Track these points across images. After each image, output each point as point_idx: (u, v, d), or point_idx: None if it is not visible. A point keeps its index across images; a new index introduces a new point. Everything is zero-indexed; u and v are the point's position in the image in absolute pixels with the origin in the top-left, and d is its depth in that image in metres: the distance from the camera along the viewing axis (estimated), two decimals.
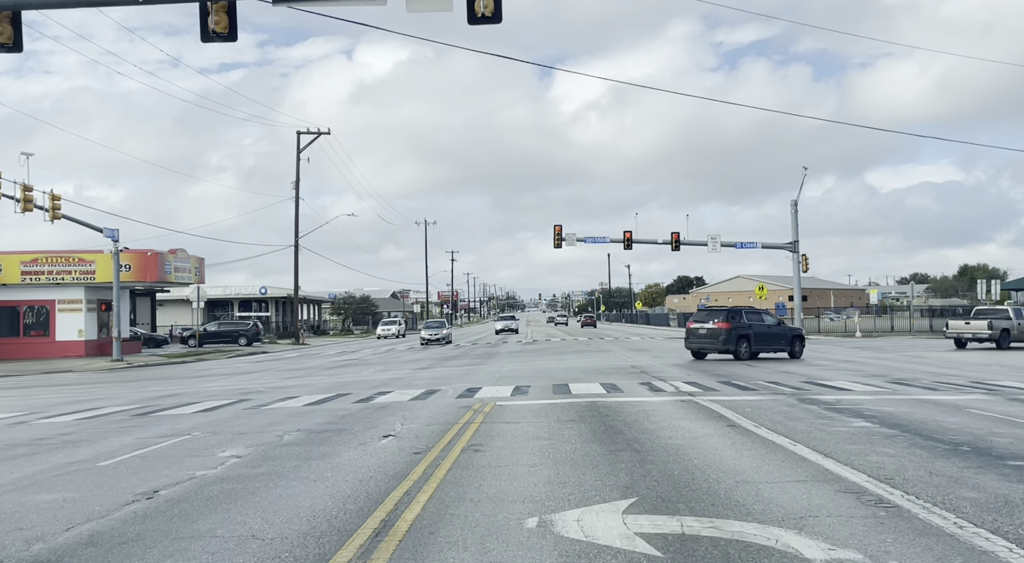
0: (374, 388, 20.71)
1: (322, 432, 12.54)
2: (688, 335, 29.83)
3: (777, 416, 13.14)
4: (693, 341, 29.36)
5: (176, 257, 46.86)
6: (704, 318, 29.45)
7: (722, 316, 28.75)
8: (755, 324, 29.08)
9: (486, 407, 15.29)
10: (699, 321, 29.50)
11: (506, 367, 27.81)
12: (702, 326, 29.05)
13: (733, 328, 27.99)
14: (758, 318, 29.87)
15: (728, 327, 27.92)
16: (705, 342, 28.78)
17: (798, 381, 20.08)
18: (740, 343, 28.02)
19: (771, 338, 29.33)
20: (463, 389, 19.52)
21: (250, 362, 38.79)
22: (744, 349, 28.13)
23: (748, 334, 28.34)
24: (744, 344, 28.15)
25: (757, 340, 28.60)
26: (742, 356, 28.07)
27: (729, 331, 27.86)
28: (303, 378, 26.12)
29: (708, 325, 28.75)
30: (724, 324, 28.08)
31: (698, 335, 29.08)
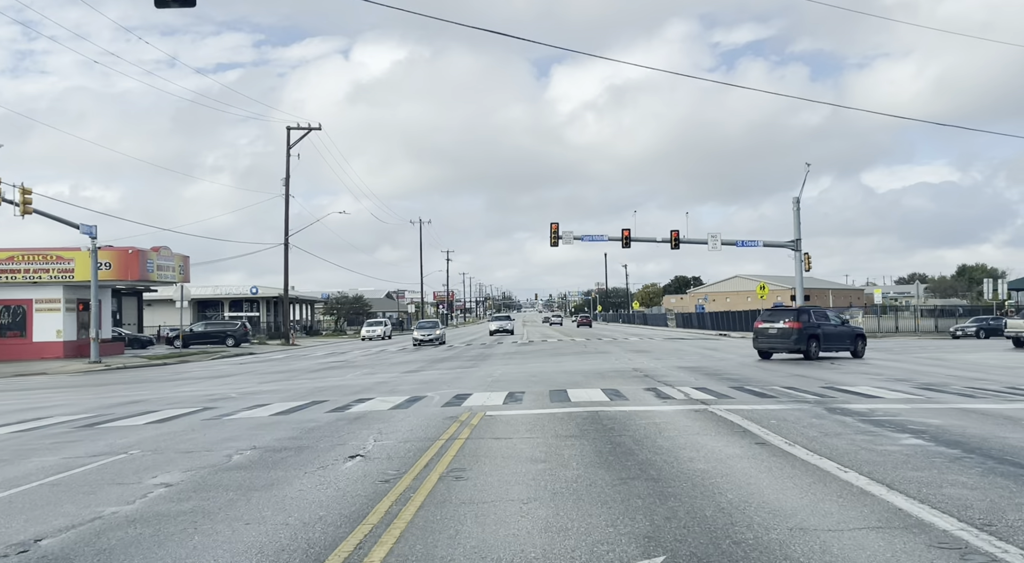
0: (354, 394, 18.81)
1: (280, 450, 10.64)
2: (756, 335, 29.66)
3: (810, 430, 11.26)
4: (762, 341, 29.15)
5: (159, 255, 44.89)
6: (773, 318, 29.28)
7: (792, 316, 28.64)
8: (823, 324, 28.99)
9: (474, 418, 13.39)
10: (768, 321, 29.28)
11: (499, 370, 25.92)
12: (772, 326, 28.84)
13: (804, 328, 27.88)
14: (824, 318, 29.80)
15: (799, 327, 27.82)
16: (775, 342, 28.58)
17: (817, 386, 18.22)
18: (810, 342, 27.87)
19: (837, 338, 29.10)
20: (451, 396, 17.63)
21: (233, 364, 36.85)
22: (814, 348, 27.94)
23: (818, 334, 28.22)
24: (814, 343, 27.98)
25: (825, 340, 28.46)
26: (812, 355, 27.81)
27: (800, 331, 27.74)
28: (282, 382, 24.21)
29: (778, 325, 28.54)
30: (795, 324, 27.94)
31: (768, 335, 28.87)
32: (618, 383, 19.82)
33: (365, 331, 65.82)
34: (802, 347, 27.87)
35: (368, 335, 64.63)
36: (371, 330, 65.61)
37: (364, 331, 66.00)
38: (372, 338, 63.98)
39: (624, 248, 56.99)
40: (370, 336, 64.31)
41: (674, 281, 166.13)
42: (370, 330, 65.69)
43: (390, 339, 65.92)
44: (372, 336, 64.26)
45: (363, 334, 65.44)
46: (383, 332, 65.65)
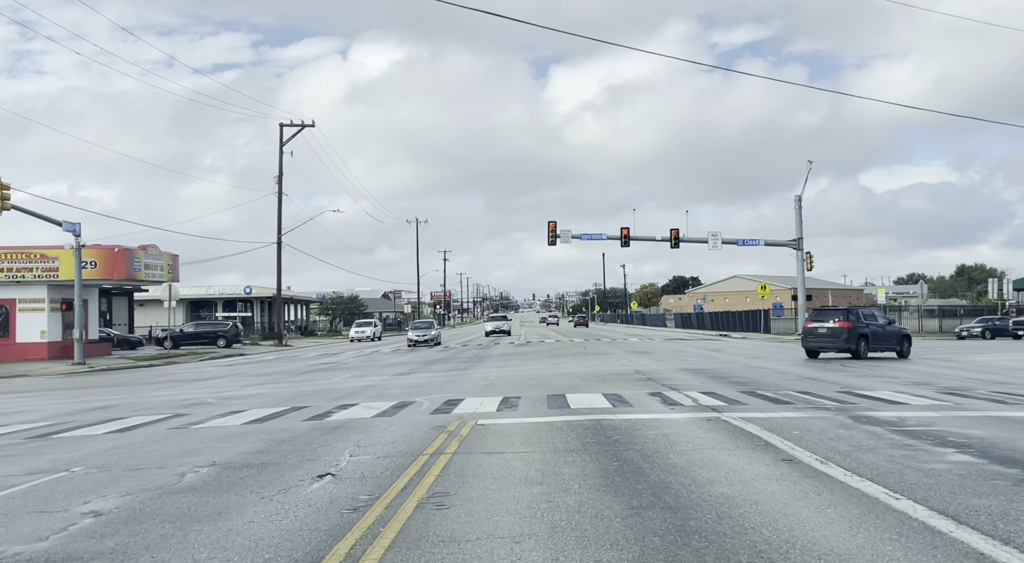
0: (338, 399, 17.49)
1: (242, 467, 9.34)
2: (806, 334, 29.64)
3: (839, 444, 9.97)
4: (811, 340, 29.12)
5: (147, 254, 43.56)
6: (823, 318, 29.28)
7: (841, 316, 28.65)
8: (871, 324, 28.93)
9: (464, 428, 12.09)
10: (817, 320, 29.28)
11: (494, 372, 24.62)
12: (821, 325, 28.90)
13: (854, 327, 27.85)
14: (872, 318, 29.70)
15: (849, 326, 27.83)
16: (825, 341, 28.60)
17: (833, 391, 16.93)
18: (860, 342, 27.84)
19: (884, 337, 29.03)
20: (441, 401, 16.32)
21: (220, 366, 35.52)
22: (863, 348, 27.90)
23: (867, 333, 28.14)
24: (863, 343, 27.91)
25: (874, 339, 28.38)
26: (862, 355, 27.78)
27: (850, 330, 27.72)
28: (266, 385, 22.90)
29: (828, 324, 28.63)
30: (845, 323, 27.99)
31: (817, 334, 28.87)
32: (620, 387, 18.53)
33: (354, 332, 63.35)
34: (852, 346, 27.78)
35: (357, 336, 62.11)
36: (360, 331, 63.04)
37: (353, 332, 63.52)
38: (361, 339, 61.35)
39: (623, 247, 55.80)
40: (359, 337, 61.79)
41: (672, 281, 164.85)
42: (359, 331, 63.10)
43: (380, 340, 63.51)
44: (361, 337, 61.74)
45: (351, 335, 63.00)
46: (372, 333, 63.15)
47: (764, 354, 32.99)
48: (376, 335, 63.85)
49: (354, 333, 62.86)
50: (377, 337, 63.87)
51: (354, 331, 63.49)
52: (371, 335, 62.53)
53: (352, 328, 65.47)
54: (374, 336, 62.91)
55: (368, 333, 62.44)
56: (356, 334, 62.39)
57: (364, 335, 62.00)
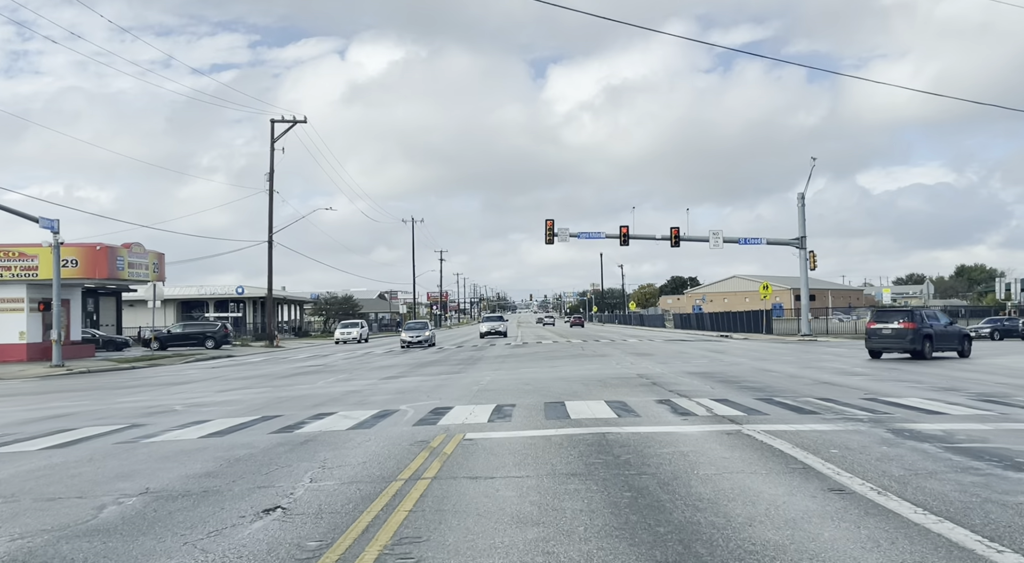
0: (316, 407, 15.88)
1: (177, 497, 7.72)
2: (869, 335, 29.67)
3: (890, 466, 8.37)
4: (876, 341, 29.17)
5: (131, 252, 41.88)
6: (887, 319, 29.39)
7: (906, 317, 28.72)
8: (934, 324, 28.98)
9: (449, 444, 10.48)
10: (881, 321, 29.39)
11: (488, 376, 23.00)
12: (886, 326, 28.98)
13: (919, 328, 27.96)
14: (935, 318, 29.65)
15: (914, 327, 27.98)
16: (890, 342, 28.66)
17: (857, 397, 15.35)
18: (925, 342, 27.94)
19: (947, 337, 29.10)
20: (428, 410, 14.71)
21: (203, 368, 33.88)
22: (928, 348, 28.00)
23: (931, 334, 28.22)
24: (928, 343, 28.01)
25: (937, 339, 28.46)
26: (926, 355, 27.87)
27: (916, 331, 27.83)
28: (243, 390, 21.27)
29: (892, 325, 28.74)
30: (910, 324, 28.18)
31: (881, 335, 28.91)
32: (624, 393, 16.92)
33: (339, 333, 60.39)
34: (917, 347, 27.79)
35: (342, 338, 59.31)
36: (346, 332, 60.12)
37: (338, 333, 60.57)
38: (347, 341, 58.54)
39: (622, 246, 54.24)
40: (345, 339, 58.90)
41: (670, 281, 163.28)
42: (345, 332, 60.17)
43: (367, 341, 60.77)
44: (347, 339, 58.86)
45: (337, 336, 60.13)
46: (359, 335, 60.20)
47: (770, 356, 31.41)
48: (363, 336, 61.00)
49: (339, 334, 60.11)
50: (364, 339, 60.98)
51: (339, 332, 60.63)
52: (357, 336, 59.71)
53: (337, 329, 62.44)
54: (361, 338, 60.06)
55: (354, 335, 59.65)
56: (342, 335, 59.73)
57: (350, 336, 59.25)
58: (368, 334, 64.72)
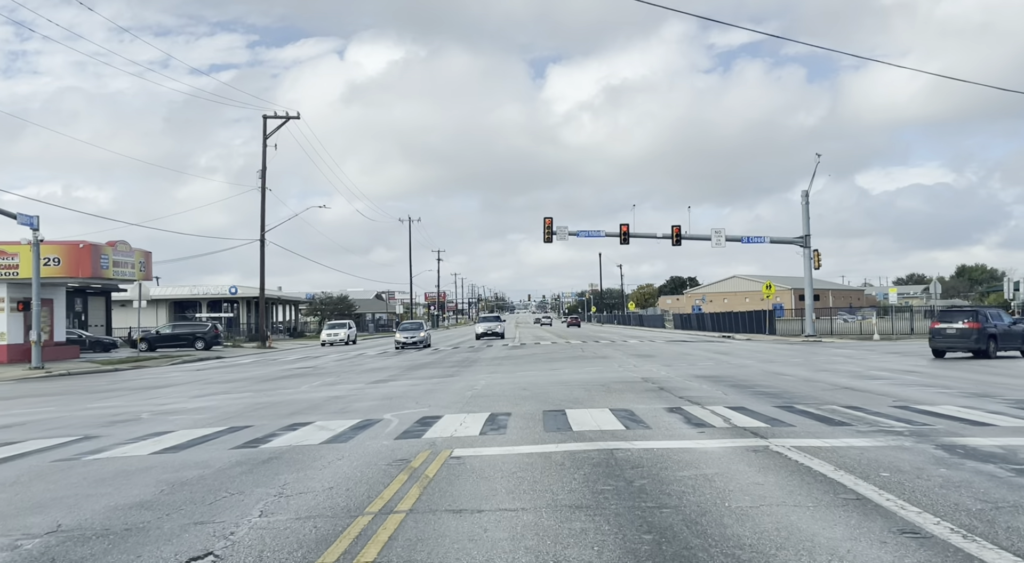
0: (292, 415, 14.40)
1: (89, 539, 6.23)
2: (933, 335, 29.67)
3: (961, 497, 6.90)
4: (940, 340, 29.15)
5: (115, 250, 40.36)
6: (951, 319, 29.43)
7: (970, 317, 28.70)
8: (998, 323, 28.82)
9: (433, 463, 9.00)
10: (946, 321, 29.41)
11: (483, 380, 21.51)
12: (950, 326, 29.02)
13: (983, 328, 27.89)
14: (999, 317, 29.44)
15: (979, 327, 27.93)
16: (955, 341, 28.59)
17: (887, 405, 13.91)
18: (990, 342, 27.91)
19: (1011, 337, 28.95)
20: (415, 419, 13.23)
21: (188, 371, 32.38)
22: (993, 348, 27.98)
23: (996, 333, 28.19)
24: (992, 343, 27.97)
25: (1002, 339, 28.43)
26: (991, 355, 27.81)
27: (980, 331, 27.77)
28: (221, 395, 19.78)
29: (957, 325, 28.74)
30: (975, 324, 28.16)
31: (946, 335, 28.91)
32: (629, 400, 15.45)
33: (325, 335, 57.42)
34: (982, 346, 27.74)
35: (328, 339, 56.53)
36: (332, 334, 57.40)
37: (324, 335, 57.58)
38: (334, 343, 56.00)
39: (622, 244, 52.80)
40: (331, 341, 56.36)
41: (670, 281, 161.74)
42: (331, 334, 57.44)
43: (354, 343, 58.60)
44: (334, 341, 56.34)
45: (323, 338, 57.19)
46: (346, 336, 57.45)
47: (778, 358, 29.96)
48: (350, 338, 58.48)
49: (325, 336, 57.24)
50: (352, 340, 58.78)
51: (325, 334, 57.68)
52: (345, 338, 57.13)
53: (323, 331, 59.20)
54: (348, 339, 57.60)
55: (341, 336, 56.98)
56: (328, 337, 56.93)
57: (337, 338, 56.56)
58: (356, 335, 61.95)
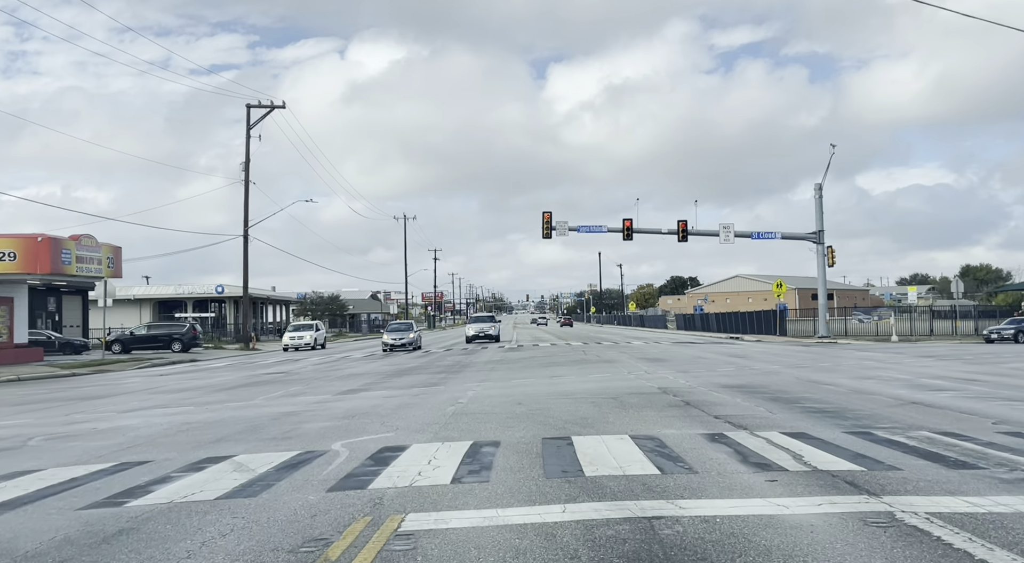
0: (213, 445, 10.90)
1: None
2: None
3: None
4: None
5: (79, 244, 36.79)
6: None
7: None
8: None
9: (367, 547, 5.51)
10: None
11: (472, 390, 18.01)
12: None
13: None
14: None
15: None
16: None
17: (991, 429, 10.49)
18: None
19: None
20: (370, 452, 9.73)
21: (148, 376, 28.87)
22: None
23: None
24: None
25: None
26: None
27: None
28: (156, 409, 16.28)
29: None
30: None
31: None
32: (652, 420, 11.97)
33: (288, 339, 48.26)
34: None
35: (292, 343, 47.46)
36: (296, 337, 48.07)
37: (286, 338, 48.44)
38: (299, 347, 47.23)
39: (625, 239, 49.38)
40: (295, 345, 47.27)
41: (670, 281, 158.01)
42: (294, 337, 48.13)
43: (323, 347, 50.33)
44: (298, 345, 47.35)
45: (285, 342, 48.09)
46: (312, 339, 47.97)
47: (802, 361, 26.49)
48: (318, 341, 49.22)
49: (288, 340, 48.12)
50: (320, 344, 49.94)
51: (288, 337, 48.52)
52: (311, 342, 47.91)
53: (286, 333, 49.93)
54: (315, 343, 48.33)
55: (306, 339, 47.81)
56: (291, 341, 47.82)
57: (301, 342, 47.63)
58: (325, 337, 53.29)
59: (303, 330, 49.70)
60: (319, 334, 50.24)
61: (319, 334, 50.24)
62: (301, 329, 50.08)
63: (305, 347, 47.47)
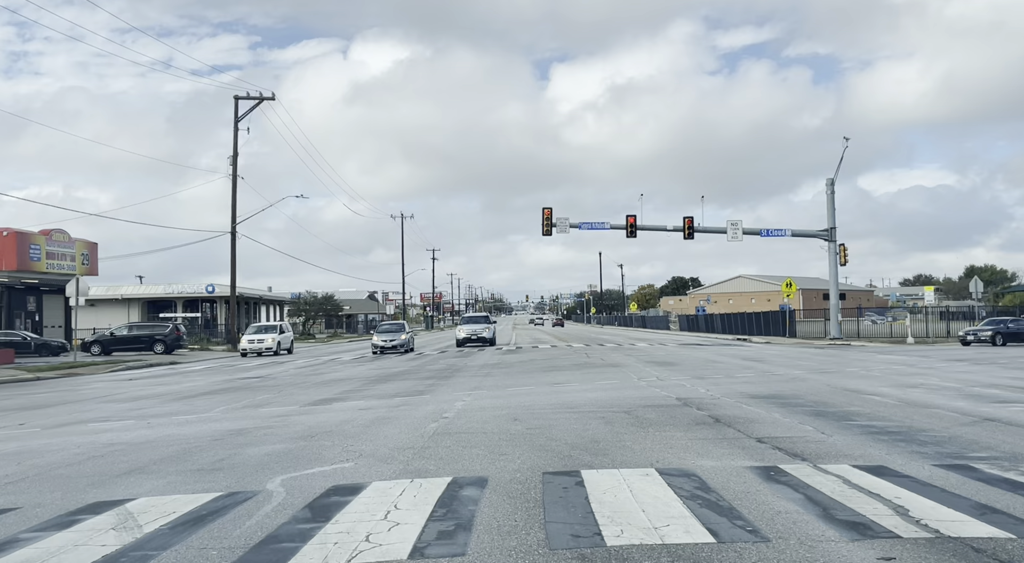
0: (116, 480, 8.39)
1: None
2: None
3: None
4: None
5: (50, 240, 34.39)
6: None
7: None
8: None
9: None
10: None
11: (460, 401, 15.49)
12: None
13: None
14: None
15: None
16: None
17: None
18: None
19: None
20: (312, 495, 7.21)
21: (115, 381, 26.35)
22: None
23: None
24: None
25: None
26: None
27: None
28: (86, 425, 13.78)
29: None
30: None
31: None
32: (680, 443, 9.47)
33: (246, 342, 41.01)
34: None
35: (251, 347, 40.54)
36: (256, 340, 40.93)
37: (244, 342, 41.16)
38: (261, 352, 40.54)
39: (629, 237, 46.88)
40: (254, 349, 40.48)
41: (671, 282, 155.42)
42: (254, 340, 40.95)
43: (290, 352, 43.21)
44: (259, 349, 40.53)
45: (242, 346, 41.08)
46: (274, 343, 40.90)
47: (825, 366, 23.99)
48: (282, 345, 42.12)
49: (246, 344, 40.87)
50: (286, 348, 42.98)
51: (246, 341, 41.14)
52: (272, 346, 40.79)
53: (243, 336, 42.54)
54: (277, 347, 41.23)
55: (268, 343, 40.76)
56: (249, 345, 40.66)
57: (263, 346, 40.64)
58: (292, 340, 45.63)
59: (265, 332, 42.64)
60: (284, 337, 43.36)
61: (284, 337, 43.36)
62: (263, 331, 42.92)
63: (267, 351, 40.80)
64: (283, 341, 42.61)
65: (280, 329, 43.59)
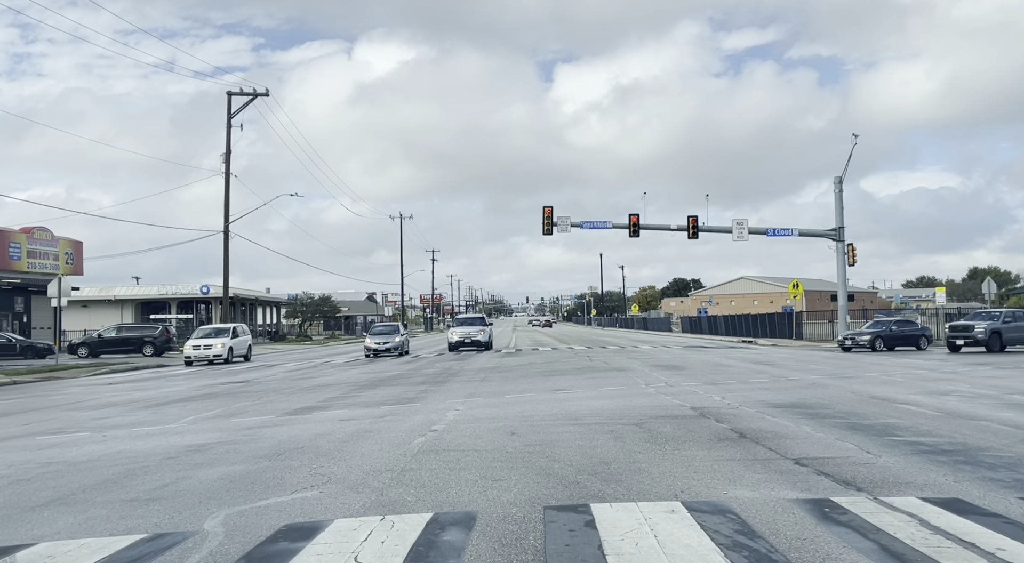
0: (40, 508, 6.92)
1: None
2: None
3: None
4: None
5: (31, 238, 32.91)
6: None
7: None
8: None
9: None
10: None
11: (454, 410, 14.01)
12: None
13: None
14: None
15: None
16: None
17: None
18: None
19: None
20: (248, 548, 5.73)
21: (94, 386, 24.88)
22: None
23: None
24: None
25: None
26: None
27: None
28: (46, 435, 12.34)
29: None
30: None
31: None
32: (704, 466, 8.00)
33: (190, 349, 34.96)
34: None
35: (195, 354, 34.74)
36: (203, 346, 35.07)
37: (188, 348, 35.09)
38: (210, 359, 34.91)
39: (632, 236, 45.36)
40: (200, 356, 34.79)
41: (673, 284, 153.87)
42: (200, 346, 35.08)
43: (248, 360, 37.37)
44: (207, 356, 34.91)
45: (186, 353, 34.94)
46: (224, 349, 34.94)
47: (842, 370, 22.51)
48: (235, 351, 36.48)
49: (190, 350, 34.88)
50: (241, 354, 37.19)
51: (191, 347, 35.09)
52: (222, 352, 34.90)
53: (188, 342, 36.28)
54: (228, 354, 35.32)
55: (217, 350, 34.90)
56: (194, 352, 34.80)
57: (209, 352, 34.88)
58: (249, 345, 38.80)
59: (212, 337, 35.97)
60: (238, 341, 37.08)
61: (238, 341, 37.08)
62: (212, 335, 36.34)
63: (218, 359, 35.03)
64: (236, 346, 36.81)
65: (234, 332, 37.21)
